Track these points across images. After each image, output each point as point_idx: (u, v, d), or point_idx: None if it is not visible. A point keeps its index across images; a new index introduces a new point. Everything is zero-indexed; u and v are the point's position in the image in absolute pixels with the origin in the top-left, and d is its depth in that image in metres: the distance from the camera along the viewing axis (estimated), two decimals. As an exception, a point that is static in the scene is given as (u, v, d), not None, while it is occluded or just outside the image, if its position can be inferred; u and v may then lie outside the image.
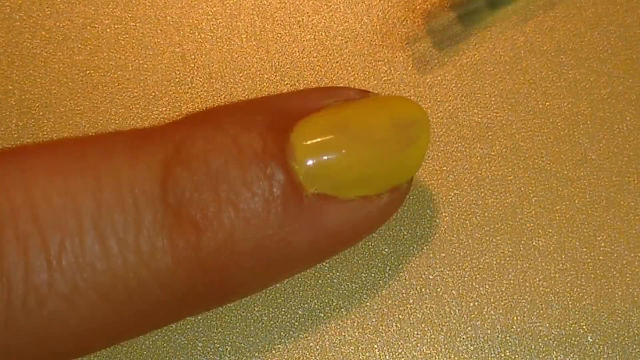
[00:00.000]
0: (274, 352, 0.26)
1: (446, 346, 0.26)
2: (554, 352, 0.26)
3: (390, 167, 0.23)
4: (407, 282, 0.26)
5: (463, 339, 0.26)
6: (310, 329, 0.26)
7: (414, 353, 0.26)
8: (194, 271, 0.22)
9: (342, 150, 0.23)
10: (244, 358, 0.26)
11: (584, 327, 0.26)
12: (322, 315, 0.26)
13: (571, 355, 0.26)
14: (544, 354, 0.26)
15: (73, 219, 0.22)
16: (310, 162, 0.23)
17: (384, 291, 0.26)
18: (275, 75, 0.27)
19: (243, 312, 0.26)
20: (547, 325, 0.26)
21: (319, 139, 0.23)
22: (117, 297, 0.22)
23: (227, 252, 0.22)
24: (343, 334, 0.26)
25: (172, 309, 0.23)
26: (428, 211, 0.26)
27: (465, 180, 0.27)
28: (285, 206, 0.22)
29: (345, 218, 0.23)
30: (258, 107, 0.24)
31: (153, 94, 0.27)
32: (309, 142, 0.23)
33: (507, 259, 0.26)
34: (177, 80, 0.27)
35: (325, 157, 0.23)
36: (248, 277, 0.23)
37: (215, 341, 0.26)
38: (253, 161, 0.23)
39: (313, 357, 0.26)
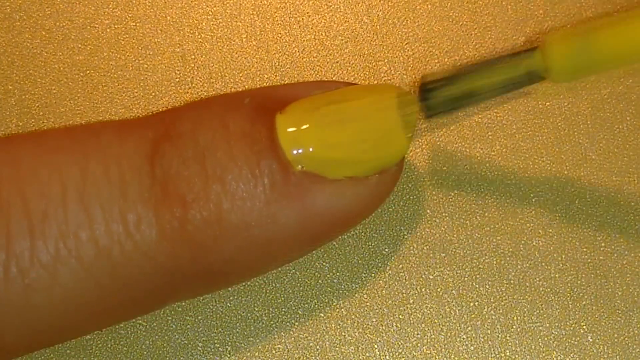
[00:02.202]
0: (274, 352, 0.26)
1: (446, 346, 0.26)
2: (554, 352, 0.26)
3: (376, 148, 0.23)
4: (407, 282, 0.26)
5: (463, 339, 0.26)
6: (310, 329, 0.26)
7: (414, 353, 0.26)
8: (179, 245, 0.22)
9: (327, 130, 0.23)
10: (244, 358, 0.26)
11: (584, 327, 0.26)
12: (322, 315, 0.26)
13: (571, 355, 0.26)
14: (544, 354, 0.26)
15: (57, 189, 0.22)
16: (295, 142, 0.23)
17: (384, 291, 0.26)
18: (275, 75, 0.27)
19: (243, 312, 0.26)
20: (547, 325, 0.26)
21: (304, 122, 0.23)
22: (100, 267, 0.22)
23: (213, 226, 0.22)
24: (343, 334, 0.26)
25: (157, 286, 0.23)
26: (428, 211, 0.26)
27: (465, 180, 0.27)
28: (272, 182, 0.23)
29: (333, 197, 0.23)
30: (246, 92, 0.24)
31: (153, 94, 0.27)
32: (294, 122, 0.23)
33: (507, 259, 0.26)
34: (177, 80, 0.27)
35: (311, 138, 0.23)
36: (235, 256, 0.23)
37: (215, 341, 0.26)
38: (240, 138, 0.23)
39: (313, 357, 0.26)
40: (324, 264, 0.26)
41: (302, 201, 0.23)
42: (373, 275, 0.26)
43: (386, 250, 0.26)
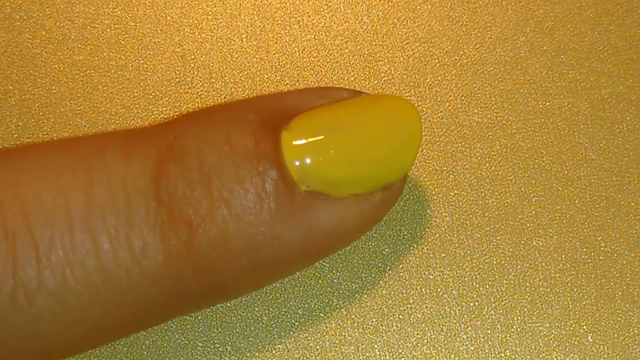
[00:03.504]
0: (274, 352, 0.26)
1: (446, 346, 0.26)
2: (554, 352, 0.26)
3: (381, 166, 0.23)
4: (407, 282, 0.26)
5: (463, 339, 0.26)
6: (310, 329, 0.26)
7: (414, 353, 0.26)
8: (185, 268, 0.22)
9: (332, 149, 0.23)
10: (244, 358, 0.26)
11: (584, 327, 0.26)
12: (322, 315, 0.26)
13: (571, 355, 0.26)
14: (544, 354, 0.26)
15: (63, 215, 0.22)
16: (300, 161, 0.23)
17: (384, 291, 0.26)
18: (275, 75, 0.27)
19: (243, 312, 0.26)
20: (547, 325, 0.26)
21: (309, 139, 0.23)
22: (107, 294, 0.22)
23: (219, 249, 0.22)
24: (343, 334, 0.26)
25: (163, 306, 0.23)
26: (428, 211, 0.26)
27: (465, 180, 0.27)
28: (277, 203, 0.22)
29: (338, 216, 0.23)
30: (251, 106, 0.24)
31: (153, 94, 0.27)
32: (299, 142, 0.23)
33: (507, 259, 0.26)
34: (177, 80, 0.27)
35: (316, 156, 0.23)
36: (240, 276, 0.23)
37: (215, 341, 0.26)
38: (246, 158, 0.23)
39: (313, 357, 0.26)
40: (324, 264, 0.26)
41: (307, 221, 0.23)
42: (373, 275, 0.26)
43: (386, 250, 0.26)
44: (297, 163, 0.23)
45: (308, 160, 0.23)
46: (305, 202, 0.23)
